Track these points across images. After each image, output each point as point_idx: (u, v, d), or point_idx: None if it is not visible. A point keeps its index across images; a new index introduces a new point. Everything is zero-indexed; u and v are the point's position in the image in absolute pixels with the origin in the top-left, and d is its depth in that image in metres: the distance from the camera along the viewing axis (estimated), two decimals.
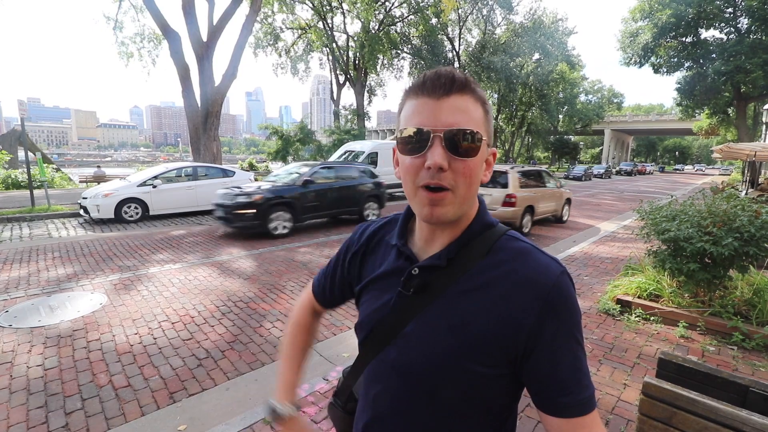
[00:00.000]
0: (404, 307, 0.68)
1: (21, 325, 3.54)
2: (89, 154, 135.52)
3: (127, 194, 8.62)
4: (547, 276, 0.62)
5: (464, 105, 0.60)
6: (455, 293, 0.65)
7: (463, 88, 0.60)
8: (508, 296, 0.62)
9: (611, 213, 11.89)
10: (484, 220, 0.70)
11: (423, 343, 0.65)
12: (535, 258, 0.65)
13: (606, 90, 56.15)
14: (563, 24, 31.94)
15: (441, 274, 0.67)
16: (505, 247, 0.67)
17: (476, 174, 0.62)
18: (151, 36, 18.47)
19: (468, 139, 0.59)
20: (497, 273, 0.64)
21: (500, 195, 7.75)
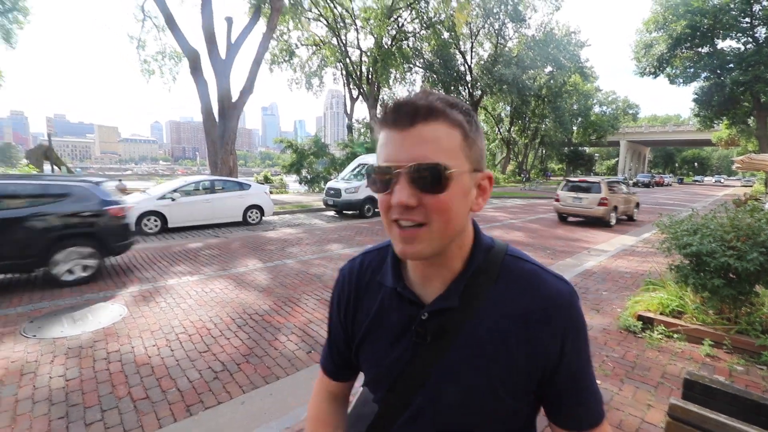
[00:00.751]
0: (424, 356, 0.64)
1: (44, 335, 3.63)
2: (111, 167, 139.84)
3: (147, 207, 8.84)
4: (563, 300, 0.62)
5: (432, 134, 0.54)
6: (474, 330, 0.63)
7: (428, 116, 0.54)
8: (530, 326, 0.61)
9: (630, 226, 11.64)
10: (482, 244, 0.66)
11: (454, 390, 0.63)
12: (546, 281, 0.64)
13: (621, 101, 55.64)
14: (576, 36, 31.97)
15: (455, 315, 0.63)
16: (512, 270, 0.65)
17: (453, 208, 0.56)
18: (171, 54, 19.15)
19: (435, 173, 0.53)
20: (513, 303, 0.63)
21: (596, 198, 10.98)
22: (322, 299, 4.75)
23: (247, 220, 10.49)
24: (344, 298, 0.77)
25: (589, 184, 11.47)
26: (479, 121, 0.61)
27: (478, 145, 0.59)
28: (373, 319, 0.71)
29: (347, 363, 0.81)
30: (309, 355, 3.37)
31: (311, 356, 3.34)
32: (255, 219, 10.68)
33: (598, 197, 10.95)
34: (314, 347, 3.50)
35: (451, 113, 0.56)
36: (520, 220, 12.52)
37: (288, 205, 14.44)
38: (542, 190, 29.45)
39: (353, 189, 12.29)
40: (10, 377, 2.91)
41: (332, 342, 0.83)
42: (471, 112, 0.59)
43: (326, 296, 4.86)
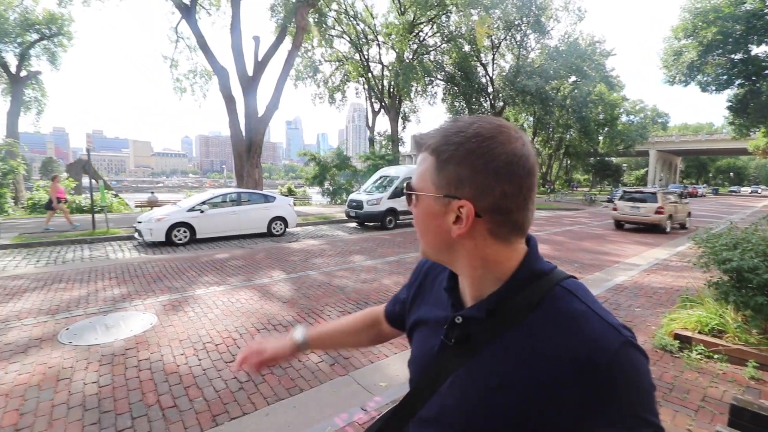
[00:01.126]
0: (446, 357, 0.66)
1: (80, 342, 3.78)
2: (144, 180, 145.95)
3: (177, 219, 9.16)
4: (603, 351, 0.52)
5: (419, 161, 0.66)
6: (496, 351, 0.60)
7: (419, 147, 0.65)
8: (556, 370, 0.54)
9: (662, 239, 11.18)
10: (532, 268, 0.62)
11: (461, 398, 0.62)
12: (590, 325, 0.55)
13: (649, 110, 54.07)
14: (600, 46, 31.45)
15: (483, 328, 0.62)
16: (557, 303, 0.59)
17: (423, 222, 0.66)
18: (202, 72, 19.99)
19: (408, 189, 0.67)
20: (542, 338, 0.57)
21: (653, 207, 12.10)
22: (345, 311, 4.76)
23: (271, 232, 10.68)
24: (415, 282, 0.87)
25: (645, 195, 12.76)
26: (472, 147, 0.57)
27: (450, 172, 0.59)
28: (426, 314, 0.78)
29: (398, 316, 0.94)
30: (332, 367, 3.37)
31: (334, 369, 3.34)
32: (279, 230, 10.87)
33: (655, 206, 12.10)
34: (337, 360, 3.50)
35: (430, 143, 0.62)
36: (546, 233, 12.23)
37: (311, 217, 14.63)
38: (567, 202, 28.74)
39: (375, 201, 12.35)
40: (48, 382, 3.04)
41: (397, 299, 0.95)
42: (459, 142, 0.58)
43: (348, 308, 4.87)
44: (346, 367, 3.38)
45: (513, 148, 0.57)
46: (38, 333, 3.97)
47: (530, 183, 0.59)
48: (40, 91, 23.08)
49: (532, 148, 0.61)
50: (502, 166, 0.56)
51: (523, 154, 0.58)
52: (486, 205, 0.58)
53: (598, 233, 12.32)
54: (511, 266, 0.62)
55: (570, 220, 16.46)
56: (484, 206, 0.58)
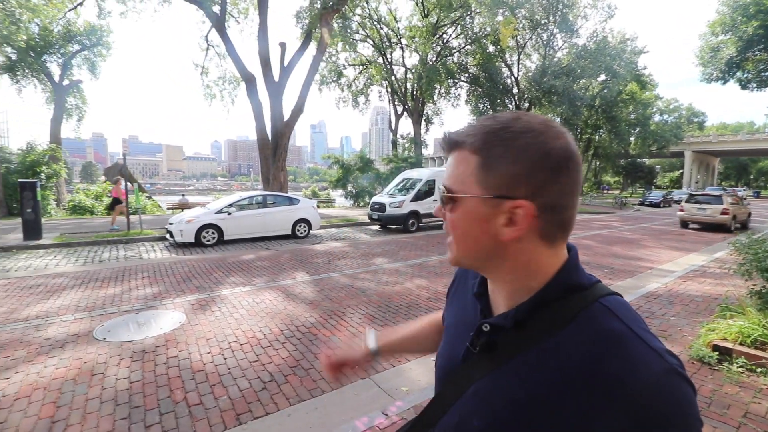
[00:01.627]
0: (471, 365, 0.64)
1: (113, 339, 3.94)
2: (176, 183, 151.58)
3: (206, 221, 9.45)
4: (640, 378, 0.47)
5: (454, 161, 0.61)
6: (523, 364, 0.57)
7: (454, 147, 0.61)
8: (585, 394, 0.49)
9: (699, 244, 10.64)
10: (569, 279, 0.58)
11: (480, 413, 0.60)
12: (628, 349, 0.50)
13: (684, 109, 51.56)
14: (632, 43, 30.28)
15: (510, 338, 0.59)
16: (591, 322, 0.54)
17: (463, 228, 0.60)
18: (231, 79, 20.61)
19: (445, 193, 0.61)
20: (577, 357, 0.52)
21: (719, 208, 13.41)
22: (367, 314, 4.76)
23: (295, 234, 10.86)
24: (454, 281, 0.87)
25: (711, 197, 14.29)
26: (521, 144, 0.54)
27: (503, 171, 0.55)
28: (455, 317, 0.77)
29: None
30: (354, 370, 3.36)
31: (356, 371, 3.33)
32: (303, 232, 11.03)
33: (721, 208, 13.51)
34: None
35: (469, 141, 0.58)
36: (573, 237, 11.86)
37: (334, 219, 14.78)
38: (596, 205, 27.81)
39: (397, 203, 12.34)
40: (83, 377, 3.18)
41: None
42: (507, 138, 0.55)
43: (370, 311, 4.87)
44: (367, 370, 3.37)
45: (565, 142, 0.55)
46: (75, 329, 4.17)
47: (581, 178, 0.58)
48: (80, 99, 24.38)
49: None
50: (561, 162, 0.54)
51: (574, 149, 0.56)
52: (542, 204, 0.55)
53: (629, 238, 11.85)
54: (549, 274, 0.59)
55: (599, 224, 15.92)
56: (541, 205, 0.55)
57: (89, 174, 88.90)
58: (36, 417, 2.62)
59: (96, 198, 18.18)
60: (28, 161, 15.94)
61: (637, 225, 15.57)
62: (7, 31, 15.35)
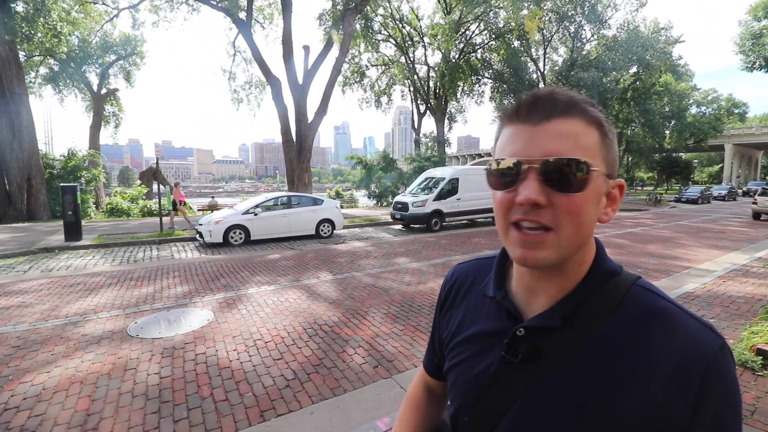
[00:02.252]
0: (510, 378, 0.57)
1: (145, 335, 4.09)
2: (206, 186, 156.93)
3: (233, 221, 9.71)
4: (703, 350, 0.48)
5: (570, 130, 0.51)
6: (577, 363, 0.52)
7: (567, 111, 0.51)
8: (651, 374, 0.48)
9: (740, 242, 10.01)
10: (604, 266, 0.56)
11: (539, 424, 0.53)
12: (683, 325, 0.50)
13: (723, 100, 48.62)
14: (666, 33, 28.93)
15: (556, 338, 0.54)
16: (638, 303, 0.53)
17: (586, 212, 0.51)
18: (257, 83, 21.14)
19: (572, 169, 0.49)
20: (633, 341, 0.50)
21: None
22: (389, 313, 4.74)
23: (319, 233, 10.98)
24: (444, 301, 0.77)
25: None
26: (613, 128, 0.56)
27: (615, 149, 0.55)
28: (468, 329, 0.67)
29: (440, 362, 0.80)
30: (375, 369, 3.36)
31: (378, 371, 3.33)
32: (327, 232, 11.14)
33: None
34: (381, 362, 3.48)
35: (588, 110, 0.53)
36: (604, 235, 11.43)
37: (357, 219, 14.85)
38: (629, 202, 26.69)
39: (420, 203, 12.26)
40: (116, 372, 3.31)
41: (432, 341, 0.84)
42: (606, 115, 0.56)
43: (393, 310, 4.85)
44: (389, 369, 3.36)
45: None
46: (110, 326, 4.36)
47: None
48: (117, 107, 25.63)
49: None
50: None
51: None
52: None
53: (664, 236, 11.30)
54: (588, 264, 0.56)
55: (632, 222, 15.26)
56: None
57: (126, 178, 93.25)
58: (72, 410, 2.75)
59: (132, 201, 19.05)
60: (69, 167, 16.90)
61: (673, 222, 14.83)
62: (50, 44, 16.31)
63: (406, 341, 3.94)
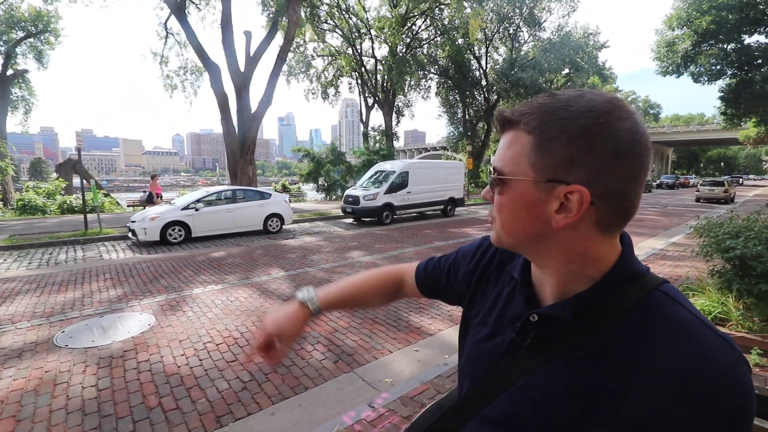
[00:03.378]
0: (518, 357, 0.60)
1: (76, 345, 3.69)
2: (135, 179, 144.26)
3: (171, 217, 9.03)
4: (715, 366, 0.46)
5: (507, 141, 0.58)
6: (583, 358, 0.54)
7: (509, 125, 0.58)
8: (660, 385, 0.47)
9: (657, 229, 11.26)
10: (627, 267, 0.55)
11: (538, 404, 0.56)
12: (702, 337, 0.48)
13: (641, 101, 54.20)
14: (594, 38, 31.44)
15: (566, 330, 0.56)
16: (655, 310, 0.52)
17: (508, 211, 0.57)
18: (193, 69, 19.73)
19: (494, 175, 0.59)
20: (647, 347, 0.49)
21: (722, 189, 20.03)
22: None
23: (267, 229, 10.59)
24: (473, 261, 0.81)
25: (717, 182, 22.55)
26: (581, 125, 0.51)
27: (560, 153, 0.51)
28: (491, 305, 0.72)
29: (433, 283, 0.90)
30: (336, 364, 3.32)
31: (338, 366, 3.29)
32: (275, 227, 10.78)
33: (723, 188, 21.44)
34: (341, 356, 3.45)
35: (527, 120, 0.54)
36: None
37: (307, 213, 14.54)
38: None
39: (371, 196, 12.28)
40: (44, 387, 2.96)
41: (437, 267, 0.90)
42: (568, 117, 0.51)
43: None
44: (350, 364, 3.34)
45: (633, 123, 0.51)
46: (33, 337, 3.88)
47: (648, 164, 0.53)
48: (27, 90, 22.66)
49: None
50: (625, 145, 0.50)
51: (643, 131, 0.51)
52: (600, 191, 0.51)
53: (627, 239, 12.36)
54: (607, 264, 0.55)
55: None
56: (599, 192, 0.51)
57: (39, 171, 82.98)
58: None
59: (48, 196, 17.01)
60: None
61: None
62: None
63: (365, 334, 3.94)
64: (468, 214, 15.57)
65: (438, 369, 3.16)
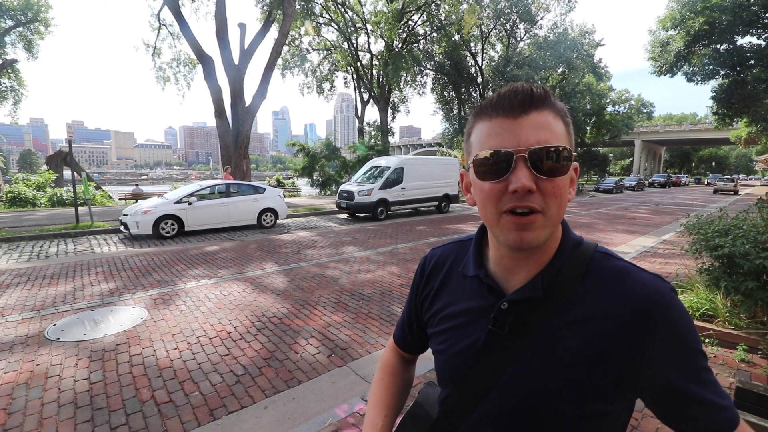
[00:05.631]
0: (499, 346, 0.62)
1: (68, 338, 3.67)
2: (127, 172, 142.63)
3: (164, 211, 8.96)
4: (655, 295, 0.57)
5: (546, 121, 0.57)
6: (557, 326, 0.59)
7: (542, 104, 0.57)
8: (617, 323, 0.56)
9: (648, 227, 11.39)
10: (571, 239, 0.65)
11: (533, 385, 0.59)
12: (638, 278, 0.59)
13: (634, 100, 54.37)
14: (590, 36, 31.51)
15: (537, 307, 0.60)
16: (601, 267, 0.62)
17: (565, 193, 0.58)
18: (186, 61, 19.48)
19: (555, 156, 0.55)
20: (600, 299, 0.59)
21: (732, 183, 31.82)
22: (340, 302, 4.72)
23: (261, 224, 10.55)
24: (420, 282, 0.81)
25: (728, 178, 33.78)
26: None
27: (572, 137, 0.62)
28: (450, 308, 0.72)
29: (415, 340, 0.88)
30: (329, 358, 3.34)
31: (332, 360, 3.31)
32: (269, 222, 10.74)
33: (733, 183, 31.56)
34: (334, 351, 3.47)
35: (556, 103, 0.59)
36: None
37: (301, 208, 14.50)
38: None
39: (366, 192, 12.28)
40: (36, 380, 2.94)
41: (408, 320, 0.88)
42: (567, 111, 0.62)
43: (343, 299, 4.84)
44: (343, 358, 3.35)
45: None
46: (24, 330, 3.85)
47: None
48: (17, 80, 22.24)
49: None
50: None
51: None
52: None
53: (584, 222, 12.48)
54: (558, 239, 0.64)
55: None
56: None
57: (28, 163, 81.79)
58: None
59: (38, 188, 16.77)
60: None
61: (593, 210, 16.42)
62: None
63: (359, 329, 3.96)
64: (462, 210, 15.62)
65: (431, 363, 3.18)
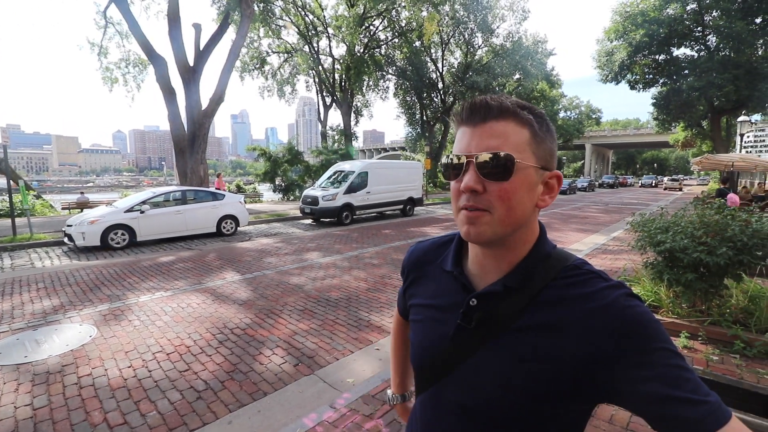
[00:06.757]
0: (466, 340, 0.65)
1: (6, 362, 3.36)
2: (70, 179, 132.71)
3: (113, 221, 8.41)
4: (616, 300, 0.59)
5: (501, 130, 0.61)
6: (524, 328, 0.62)
7: (500, 114, 0.61)
8: (581, 328, 0.58)
9: (599, 225, 12.10)
10: (544, 247, 0.67)
11: (487, 382, 0.63)
12: (601, 285, 0.61)
13: (584, 106, 57.88)
14: (542, 45, 33.16)
15: (506, 306, 0.63)
16: (570, 275, 0.64)
17: (514, 197, 0.60)
18: (136, 61, 18.49)
19: (496, 162, 0.59)
20: (566, 303, 0.61)
21: (678, 183, 39.43)
22: (306, 310, 4.64)
23: (221, 231, 10.17)
24: (405, 273, 0.86)
25: (676, 179, 40.74)
26: (551, 125, 0.66)
27: (547, 145, 0.64)
28: (428, 301, 0.75)
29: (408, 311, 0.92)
30: (296, 367, 3.27)
31: (299, 369, 3.24)
32: (230, 230, 10.38)
33: (678, 183, 38.97)
34: (301, 359, 3.40)
35: (520, 113, 0.61)
36: None
37: (263, 215, 14.14)
38: None
39: (331, 197, 12.18)
40: None
41: (401, 293, 0.93)
42: (543, 116, 0.64)
43: (309, 306, 4.76)
44: (311, 366, 3.30)
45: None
46: None
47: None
48: None
49: None
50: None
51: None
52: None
53: (541, 221, 13.05)
54: (531, 243, 0.66)
55: None
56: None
57: None
58: None
59: None
60: None
61: (549, 210, 17.20)
62: None
63: (325, 336, 3.91)
64: (427, 213, 15.86)
65: None
